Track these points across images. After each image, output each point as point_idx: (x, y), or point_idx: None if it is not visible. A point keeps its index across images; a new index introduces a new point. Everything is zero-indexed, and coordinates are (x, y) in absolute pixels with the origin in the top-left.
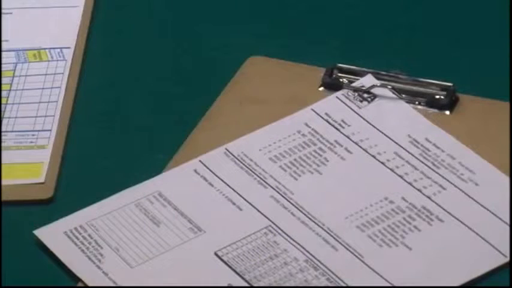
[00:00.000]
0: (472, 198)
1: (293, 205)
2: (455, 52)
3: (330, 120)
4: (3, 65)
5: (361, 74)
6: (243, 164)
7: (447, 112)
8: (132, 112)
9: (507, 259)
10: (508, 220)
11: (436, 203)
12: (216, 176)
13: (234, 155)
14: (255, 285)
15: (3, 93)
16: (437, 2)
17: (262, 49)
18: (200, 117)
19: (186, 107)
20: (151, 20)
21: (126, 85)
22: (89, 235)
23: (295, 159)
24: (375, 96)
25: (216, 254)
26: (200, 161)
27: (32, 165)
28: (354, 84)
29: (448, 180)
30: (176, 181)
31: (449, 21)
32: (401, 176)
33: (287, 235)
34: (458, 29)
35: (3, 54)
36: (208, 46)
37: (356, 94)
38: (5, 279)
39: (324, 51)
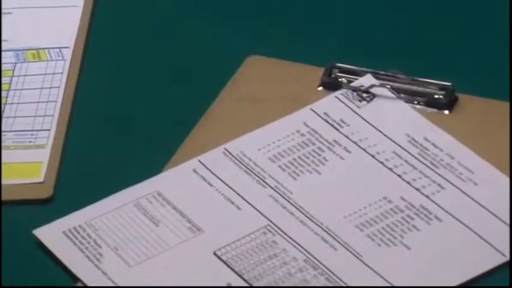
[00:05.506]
0: (471, 197)
1: (292, 205)
2: (455, 52)
3: (328, 119)
4: (2, 65)
5: (360, 74)
6: (242, 164)
7: (446, 112)
8: (131, 112)
9: (506, 258)
10: (507, 219)
11: (434, 202)
12: (215, 175)
13: (233, 155)
14: (254, 284)
15: (2, 93)
16: (436, 1)
17: (261, 48)
18: (199, 116)
19: (185, 107)
20: (150, 20)
21: (125, 85)
22: (88, 235)
23: (294, 159)
24: (373, 95)
25: (215, 253)
26: (199, 160)
27: (31, 164)
28: (352, 84)
29: (447, 180)
30: (175, 181)
31: (449, 20)
32: (400, 176)
33: (286, 234)
34: (458, 28)
35: (3, 54)
36: (208, 45)
37: (355, 94)
38: (4, 278)
39: (323, 51)
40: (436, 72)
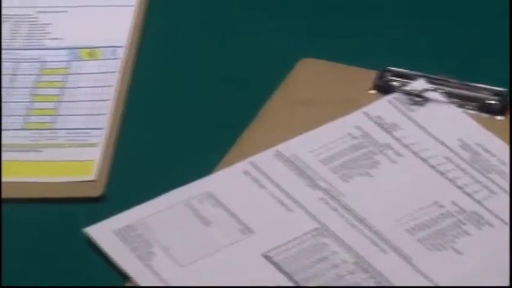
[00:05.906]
0: None
1: (343, 207)
2: (508, 56)
3: (381, 123)
4: (56, 63)
5: (412, 78)
6: (294, 166)
7: (499, 117)
8: (184, 112)
9: None
10: None
11: (486, 208)
12: (267, 177)
13: (284, 157)
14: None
15: (56, 91)
16: (488, 5)
17: (314, 51)
18: (251, 118)
19: (237, 108)
20: (203, 21)
21: (178, 84)
22: (139, 234)
23: (346, 162)
24: (426, 100)
25: (265, 255)
26: (251, 161)
27: (83, 162)
28: (405, 88)
29: (498, 185)
30: (226, 182)
31: (502, 25)
32: (451, 180)
33: (337, 237)
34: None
35: (57, 52)
36: (261, 48)
37: (407, 98)
38: (54, 276)
39: (375, 54)
40: (489, 77)
